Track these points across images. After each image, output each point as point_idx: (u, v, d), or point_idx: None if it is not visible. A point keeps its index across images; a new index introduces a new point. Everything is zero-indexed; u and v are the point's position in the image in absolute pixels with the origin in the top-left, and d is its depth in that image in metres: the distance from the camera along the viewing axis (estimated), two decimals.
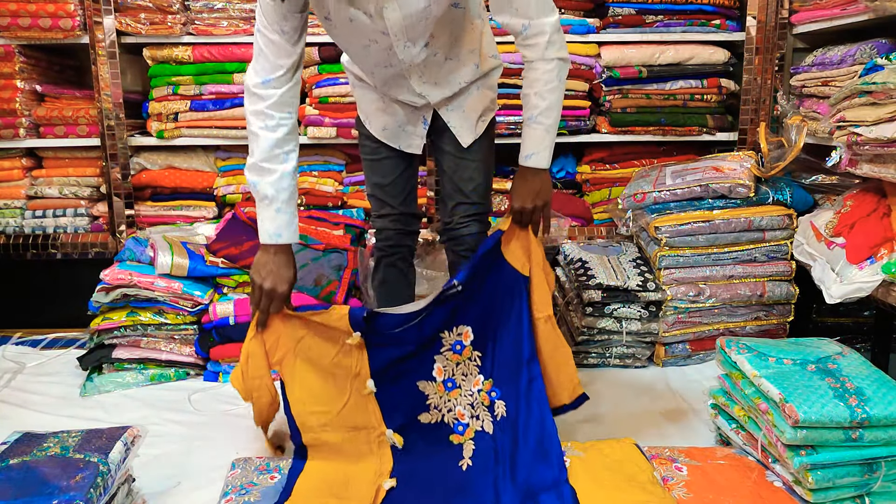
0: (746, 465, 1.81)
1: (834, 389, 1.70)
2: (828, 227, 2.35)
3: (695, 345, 2.62)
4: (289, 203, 1.75)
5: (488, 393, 1.85)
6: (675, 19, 3.00)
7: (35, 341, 2.88)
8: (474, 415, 1.82)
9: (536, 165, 1.82)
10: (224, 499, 1.71)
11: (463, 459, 1.76)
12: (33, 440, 1.59)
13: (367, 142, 2.09)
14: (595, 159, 3.19)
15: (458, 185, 2.04)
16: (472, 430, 1.80)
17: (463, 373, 1.88)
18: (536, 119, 1.79)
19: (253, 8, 2.89)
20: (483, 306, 1.88)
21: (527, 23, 1.68)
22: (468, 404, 1.84)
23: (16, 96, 2.87)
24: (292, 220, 1.76)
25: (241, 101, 2.93)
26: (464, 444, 1.79)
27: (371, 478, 1.77)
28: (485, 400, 1.84)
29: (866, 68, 2.20)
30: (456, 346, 1.91)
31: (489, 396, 1.84)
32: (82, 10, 2.83)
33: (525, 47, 1.74)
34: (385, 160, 2.07)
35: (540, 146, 1.81)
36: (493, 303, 1.87)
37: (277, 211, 1.74)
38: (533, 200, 1.83)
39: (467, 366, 1.89)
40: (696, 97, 3.06)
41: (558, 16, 1.73)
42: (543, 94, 1.76)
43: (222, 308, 2.52)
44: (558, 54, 1.73)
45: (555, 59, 1.73)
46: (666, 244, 2.59)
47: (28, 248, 2.97)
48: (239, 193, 3.02)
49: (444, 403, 1.87)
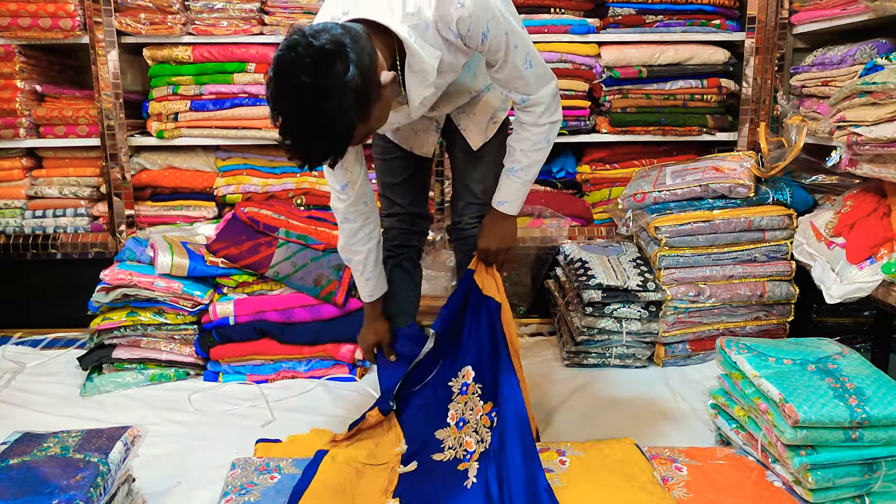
0: (746, 465, 1.81)
1: (834, 389, 1.70)
2: (828, 227, 2.35)
3: (695, 345, 2.62)
4: (375, 269, 2.07)
5: (488, 415, 1.90)
6: (675, 19, 3.00)
7: (35, 341, 2.88)
8: (479, 440, 1.87)
9: (507, 212, 1.92)
10: (224, 499, 1.71)
11: (468, 479, 1.79)
12: (33, 440, 1.59)
13: (379, 141, 2.11)
14: (595, 159, 3.19)
15: (468, 185, 2.05)
16: (477, 453, 1.85)
17: (470, 408, 1.95)
18: (517, 173, 1.87)
19: (253, 7, 2.88)
20: (475, 341, 1.99)
21: (526, 97, 1.75)
22: (474, 432, 1.90)
23: (16, 96, 2.87)
24: (380, 282, 2.11)
25: (241, 101, 2.93)
26: (469, 468, 1.83)
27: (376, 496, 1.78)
28: (486, 422, 1.90)
29: (866, 68, 2.20)
30: (463, 387, 1.99)
31: (489, 418, 1.90)
32: (82, 10, 2.83)
33: (521, 112, 1.80)
34: (396, 160, 2.09)
35: (513, 197, 1.91)
36: (481, 335, 1.98)
37: (367, 280, 2.08)
38: (498, 244, 1.95)
39: (473, 400, 1.95)
40: (696, 97, 3.06)
41: (556, 82, 1.78)
42: (529, 153, 1.83)
43: (222, 308, 2.52)
44: (551, 119, 1.79)
45: (547, 123, 1.79)
46: (666, 244, 2.59)
47: (28, 248, 2.97)
48: (239, 193, 3.02)
49: (457, 442, 1.92)
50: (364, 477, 1.85)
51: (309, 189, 3.03)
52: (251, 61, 2.92)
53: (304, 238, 2.66)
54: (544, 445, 1.92)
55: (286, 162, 3.07)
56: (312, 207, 3.00)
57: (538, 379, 2.48)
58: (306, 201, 3.03)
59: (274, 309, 2.54)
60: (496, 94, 2.00)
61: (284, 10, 2.90)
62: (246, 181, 3.03)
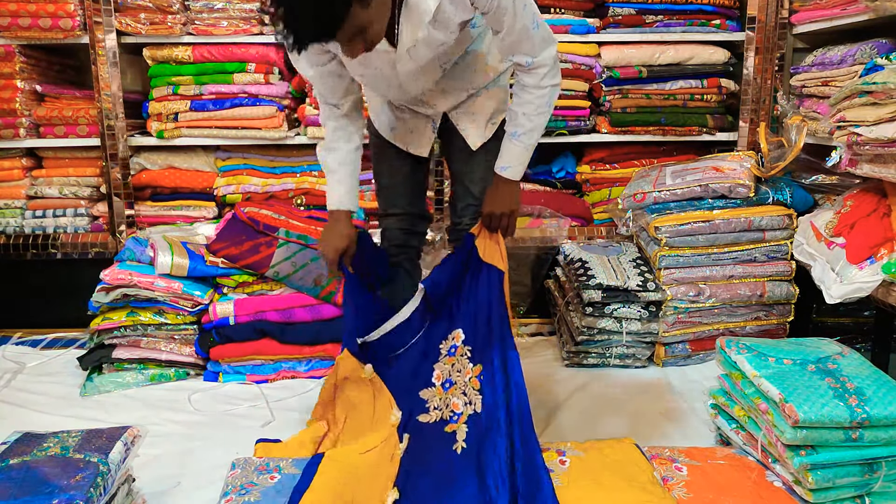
0: (746, 465, 1.81)
1: (834, 389, 1.70)
2: (828, 227, 2.35)
3: (695, 345, 2.62)
4: (351, 176, 1.98)
5: (478, 378, 1.89)
6: (675, 19, 3.00)
7: (35, 341, 2.88)
8: (467, 402, 1.87)
9: (510, 177, 1.90)
10: (224, 499, 1.71)
11: (457, 443, 1.80)
12: (33, 440, 1.59)
13: (376, 140, 2.11)
14: (595, 159, 3.19)
15: (467, 186, 2.05)
16: (465, 415, 1.85)
17: (458, 369, 1.93)
18: (519, 137, 1.85)
19: (253, 7, 2.89)
20: (469, 306, 1.96)
21: (531, 59, 1.75)
22: (462, 393, 1.89)
23: (16, 96, 2.87)
24: (353, 190, 1.99)
25: (241, 101, 2.93)
26: (457, 430, 1.84)
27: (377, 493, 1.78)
28: (475, 385, 1.88)
29: (866, 68, 2.20)
30: (452, 349, 1.96)
31: (479, 381, 1.89)
32: (82, 10, 2.83)
33: (525, 74, 1.79)
34: (393, 160, 2.09)
35: (516, 161, 1.88)
36: (478, 300, 1.94)
37: (339, 182, 1.98)
38: (502, 207, 1.91)
39: (461, 362, 1.93)
40: (696, 97, 3.06)
41: (556, 44, 1.79)
42: (531, 117, 1.82)
43: (222, 308, 2.52)
44: (553, 81, 1.79)
45: (549, 85, 1.79)
46: (666, 244, 2.59)
47: (28, 248, 2.97)
48: (239, 193, 3.02)
49: (444, 402, 1.92)
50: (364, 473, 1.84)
51: (309, 189, 3.03)
52: (251, 61, 2.92)
53: (304, 238, 2.66)
54: (544, 445, 1.91)
55: (286, 162, 3.07)
56: (312, 207, 3.00)
57: (538, 379, 2.48)
58: (306, 201, 3.03)
59: (274, 309, 2.54)
60: (494, 93, 2.00)
61: None
62: (246, 181, 3.03)
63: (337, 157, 1.97)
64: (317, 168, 3.06)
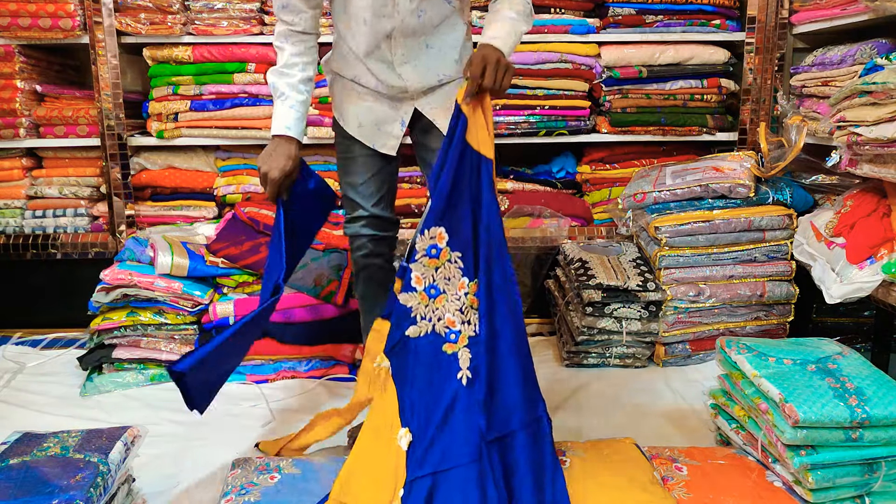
0: (746, 465, 1.81)
1: (834, 389, 1.70)
2: (828, 227, 2.35)
3: (695, 345, 2.62)
4: (302, 105, 1.90)
5: (476, 295, 1.74)
6: (675, 19, 3.00)
7: (35, 341, 2.88)
8: (465, 320, 1.72)
9: (498, 47, 1.75)
10: (224, 499, 1.71)
11: (461, 371, 1.69)
12: (33, 440, 1.59)
13: (342, 140, 2.04)
14: (595, 159, 3.19)
15: None
16: (465, 336, 1.72)
17: (445, 277, 1.76)
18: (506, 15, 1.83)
19: (253, 7, 2.89)
20: (453, 203, 1.75)
21: None
22: (457, 310, 1.74)
23: (16, 96, 2.87)
24: (302, 119, 1.91)
25: (241, 101, 2.93)
26: (458, 353, 1.71)
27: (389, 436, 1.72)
28: (473, 303, 1.73)
29: (866, 68, 2.20)
30: (431, 250, 1.76)
31: (477, 298, 1.73)
32: (82, 10, 2.83)
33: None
34: (358, 158, 2.01)
35: (504, 35, 1.79)
36: (462, 196, 1.74)
37: (291, 108, 1.88)
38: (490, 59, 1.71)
39: (448, 269, 1.76)
40: (696, 97, 3.06)
41: None
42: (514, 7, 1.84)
43: (222, 308, 2.52)
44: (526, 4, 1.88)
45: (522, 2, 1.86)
46: (666, 244, 2.59)
47: (28, 248, 2.97)
48: (239, 193, 3.02)
49: (433, 312, 1.76)
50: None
51: None
52: (251, 61, 2.92)
53: None
54: None
55: None
56: None
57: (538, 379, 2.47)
58: None
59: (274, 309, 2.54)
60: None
61: None
62: (246, 181, 3.03)
63: (289, 82, 1.88)
64: (316, 168, 3.06)
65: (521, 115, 3.02)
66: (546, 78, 2.99)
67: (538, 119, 3.02)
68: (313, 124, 2.96)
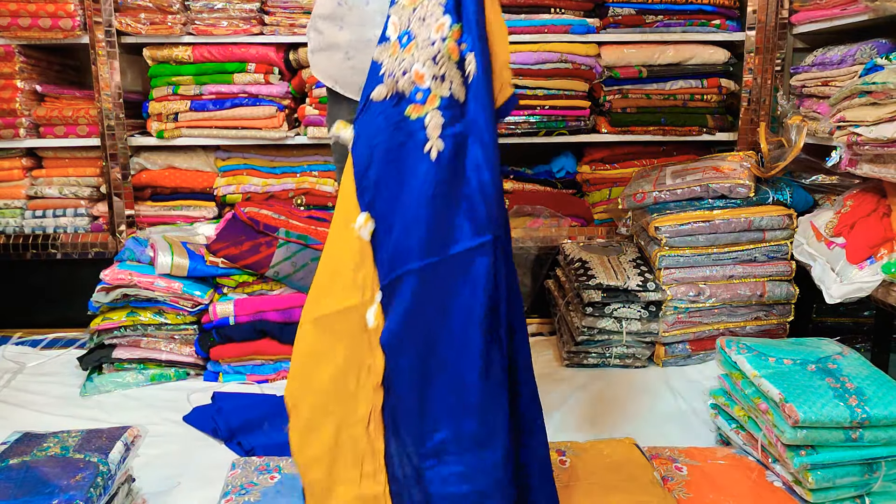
0: (746, 465, 1.81)
1: (834, 389, 1.70)
2: (828, 227, 2.35)
3: (695, 345, 2.62)
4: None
5: (457, 42, 1.30)
6: (675, 19, 3.00)
7: (35, 341, 2.88)
8: (438, 75, 1.29)
9: None
10: (224, 499, 1.71)
11: (429, 141, 1.28)
12: (33, 440, 1.59)
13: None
14: (595, 159, 3.19)
15: None
16: (435, 96, 1.29)
17: (420, 17, 1.33)
18: None
19: (253, 7, 2.89)
20: None
21: None
22: (429, 59, 1.30)
23: (16, 96, 2.87)
24: None
25: (241, 101, 2.93)
26: (426, 117, 1.29)
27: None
28: (452, 53, 1.29)
29: (866, 68, 2.19)
30: None
31: (458, 48, 1.30)
32: (82, 10, 2.83)
33: None
34: None
35: None
36: None
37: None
38: None
39: (426, 7, 1.33)
40: (696, 97, 3.06)
41: None
42: None
43: (222, 308, 2.52)
44: None
45: None
46: (666, 244, 2.59)
47: (28, 248, 2.97)
48: (239, 193, 3.02)
49: (398, 65, 1.34)
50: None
51: (309, 189, 3.03)
52: (251, 61, 2.92)
53: (304, 238, 2.66)
54: None
55: (286, 162, 3.07)
56: (312, 207, 3.00)
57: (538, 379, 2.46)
58: (306, 201, 3.03)
59: (274, 309, 2.54)
60: None
61: (284, 10, 2.90)
62: (246, 181, 3.03)
63: None
64: (317, 168, 3.07)
65: (521, 115, 3.01)
66: (546, 78, 2.99)
67: (538, 119, 3.02)
68: (313, 124, 2.96)
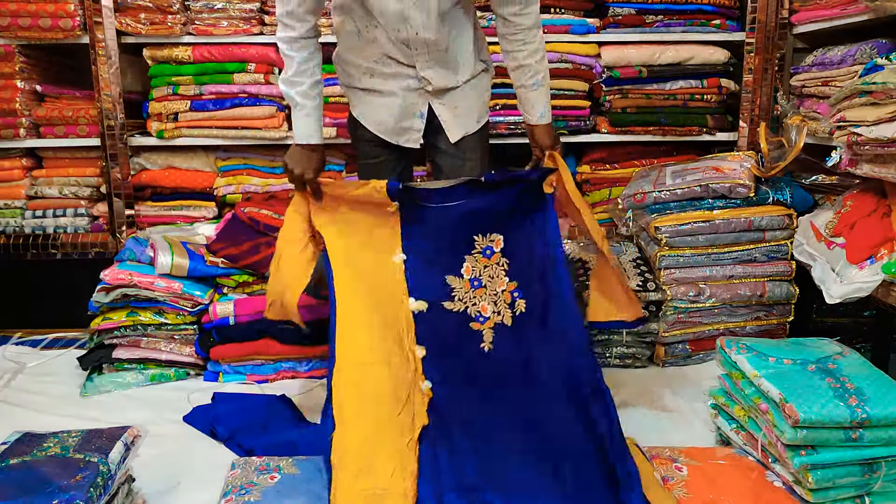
0: (746, 465, 1.81)
1: (834, 389, 1.70)
2: (828, 227, 2.35)
3: (695, 345, 2.62)
4: (316, 109, 2.02)
5: (511, 292, 2.02)
6: (675, 19, 3.00)
7: (35, 341, 2.88)
8: (496, 311, 1.99)
9: (549, 121, 2.09)
10: (224, 499, 1.71)
11: (484, 342, 1.95)
12: (33, 440, 1.59)
13: (365, 145, 2.15)
14: (595, 159, 3.19)
15: None
16: (492, 321, 1.99)
17: (490, 275, 2.03)
18: (541, 83, 2.04)
19: (253, 7, 2.89)
20: (516, 222, 2.04)
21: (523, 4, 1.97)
22: (492, 301, 2.01)
23: (16, 96, 2.87)
24: (320, 121, 2.04)
25: (241, 101, 2.93)
26: (483, 332, 1.98)
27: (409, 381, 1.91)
28: (507, 298, 2.01)
29: (866, 68, 2.19)
30: (486, 250, 2.04)
31: (511, 295, 2.01)
32: (82, 10, 2.83)
33: (522, 17, 1.97)
34: (384, 162, 2.14)
35: (547, 106, 2.08)
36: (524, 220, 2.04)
37: (307, 116, 2.01)
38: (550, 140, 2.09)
39: (495, 269, 2.03)
40: (696, 97, 3.06)
41: None
42: (541, 62, 2.03)
43: (222, 308, 2.52)
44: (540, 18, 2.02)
45: (540, 24, 2.01)
46: (666, 244, 2.59)
47: (28, 248, 2.97)
48: (239, 193, 3.02)
49: (470, 298, 2.01)
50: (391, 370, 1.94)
51: None
52: (251, 61, 2.92)
53: None
54: None
55: None
56: None
57: None
58: None
59: None
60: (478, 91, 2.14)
61: None
62: (246, 181, 3.03)
63: (301, 90, 1.99)
64: None
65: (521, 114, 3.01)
66: None
67: None
68: None
